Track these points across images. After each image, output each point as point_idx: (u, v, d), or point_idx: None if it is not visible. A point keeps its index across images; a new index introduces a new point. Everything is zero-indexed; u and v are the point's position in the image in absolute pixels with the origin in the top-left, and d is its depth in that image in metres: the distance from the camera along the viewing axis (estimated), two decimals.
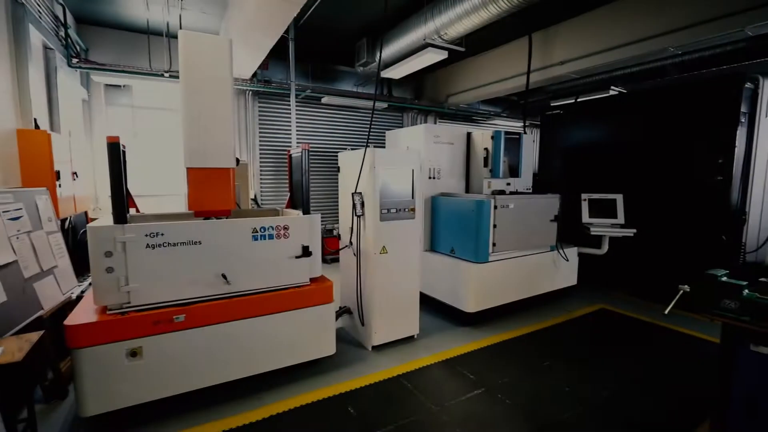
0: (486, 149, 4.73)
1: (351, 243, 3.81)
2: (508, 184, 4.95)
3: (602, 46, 5.31)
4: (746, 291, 1.99)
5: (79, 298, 3.44)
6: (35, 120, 4.12)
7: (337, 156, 4.03)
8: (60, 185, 3.98)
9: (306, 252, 3.13)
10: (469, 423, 2.68)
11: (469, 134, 5.03)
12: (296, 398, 2.94)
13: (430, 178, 4.74)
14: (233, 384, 2.95)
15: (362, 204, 3.58)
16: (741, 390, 1.97)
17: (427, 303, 4.77)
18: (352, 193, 3.61)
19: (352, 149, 3.80)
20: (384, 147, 6.18)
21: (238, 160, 3.28)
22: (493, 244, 4.17)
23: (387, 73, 6.44)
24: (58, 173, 3.95)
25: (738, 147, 4.93)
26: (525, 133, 5.38)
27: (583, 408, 2.86)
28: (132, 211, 3.29)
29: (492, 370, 3.38)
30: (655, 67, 6.62)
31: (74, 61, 5.33)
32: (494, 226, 4.13)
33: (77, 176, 4.61)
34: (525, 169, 5.28)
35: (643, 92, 6.44)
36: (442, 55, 5.40)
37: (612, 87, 7.41)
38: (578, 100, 7.92)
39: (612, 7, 5.17)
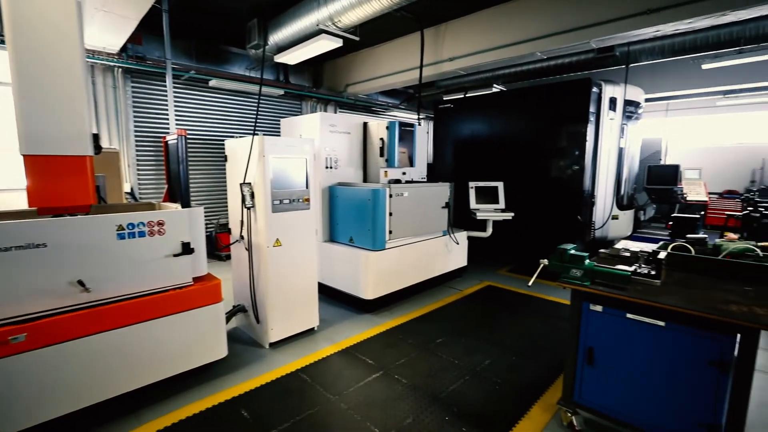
0: (381, 139, 4.83)
1: (242, 237, 3.57)
2: (404, 173, 5.15)
3: (483, 46, 5.79)
4: (587, 261, 2.37)
5: None
6: None
7: None
8: None
9: (187, 249, 2.83)
10: (367, 406, 2.74)
11: (365, 124, 5.08)
12: (182, 410, 2.68)
13: (327, 167, 4.67)
14: (105, 405, 2.56)
15: (252, 195, 3.37)
16: (584, 343, 2.35)
17: (328, 293, 4.75)
18: (241, 184, 3.37)
19: (241, 137, 3.54)
20: (280, 135, 5.92)
21: (100, 147, 2.79)
22: (390, 232, 4.30)
23: (281, 58, 6.14)
24: None
25: (589, 141, 5.85)
26: (419, 124, 5.64)
27: (469, 377, 3.14)
28: None
29: (390, 353, 3.51)
30: (528, 70, 7.49)
31: None
32: (390, 214, 4.26)
33: None
34: (419, 159, 5.54)
35: (519, 91, 7.25)
36: (337, 43, 5.33)
37: (495, 85, 8.19)
38: (467, 95, 8.59)
39: (494, 10, 5.64)
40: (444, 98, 8.57)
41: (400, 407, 2.73)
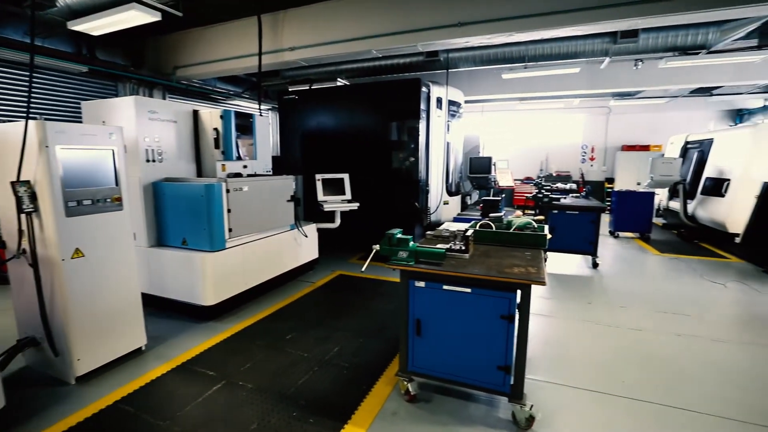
0: (216, 129, 4.41)
1: (24, 250, 2.79)
2: (245, 166, 4.82)
3: (323, 39, 5.81)
4: (411, 243, 2.63)
5: None
6: None
7: None
8: None
9: None
10: (205, 423, 2.49)
11: (195, 112, 4.55)
12: None
13: (149, 161, 4.03)
14: None
15: (32, 196, 2.64)
16: (413, 316, 2.62)
17: (159, 305, 4.16)
18: (12, 183, 2.61)
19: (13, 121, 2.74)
20: (82, 122, 4.85)
21: None
22: (229, 230, 3.98)
23: (78, 26, 4.97)
24: None
25: (422, 135, 6.53)
26: (261, 114, 5.36)
27: (318, 367, 3.17)
28: None
29: (234, 360, 3.27)
30: (368, 66, 7.85)
31: None
32: (228, 210, 3.94)
33: None
34: (263, 151, 5.27)
35: (362, 86, 7.58)
36: (154, 17, 4.58)
37: (339, 78, 8.36)
38: (312, 87, 8.56)
39: (332, 4, 5.68)
40: (290, 89, 8.37)
41: (243, 415, 2.58)
